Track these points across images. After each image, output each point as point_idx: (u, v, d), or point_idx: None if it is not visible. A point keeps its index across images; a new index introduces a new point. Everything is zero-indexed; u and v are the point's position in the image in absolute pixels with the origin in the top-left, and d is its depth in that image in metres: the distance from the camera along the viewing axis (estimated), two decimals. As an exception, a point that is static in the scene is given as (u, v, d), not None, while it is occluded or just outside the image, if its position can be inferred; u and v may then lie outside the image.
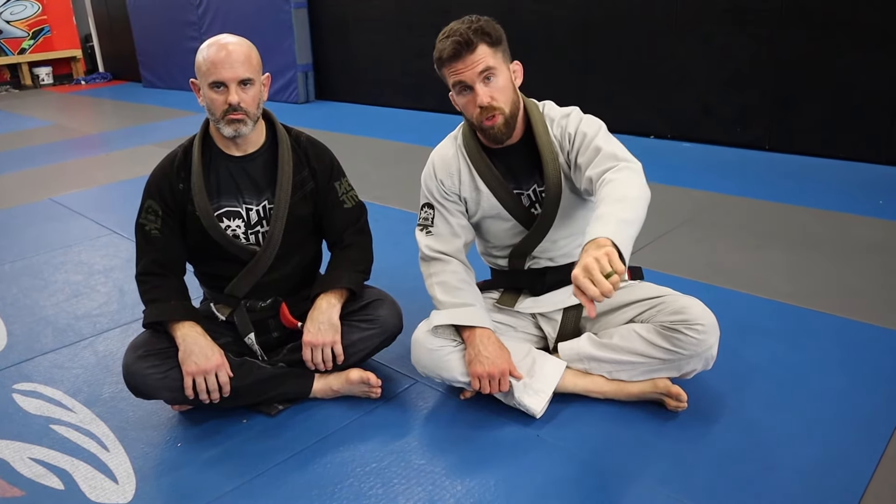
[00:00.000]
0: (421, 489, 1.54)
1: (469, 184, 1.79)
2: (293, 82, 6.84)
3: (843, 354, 1.97)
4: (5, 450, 1.76)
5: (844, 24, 3.77)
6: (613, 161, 1.55)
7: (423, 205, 1.84)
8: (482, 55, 1.60)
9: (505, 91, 1.65)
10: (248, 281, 1.83)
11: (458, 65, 1.61)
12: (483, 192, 1.78)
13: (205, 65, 1.68)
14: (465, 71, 1.61)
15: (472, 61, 1.60)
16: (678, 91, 4.50)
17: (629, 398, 1.76)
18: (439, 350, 1.74)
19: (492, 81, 1.63)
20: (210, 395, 1.71)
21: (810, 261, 2.63)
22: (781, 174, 3.78)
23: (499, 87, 1.64)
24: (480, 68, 1.61)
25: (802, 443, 1.61)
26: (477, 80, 1.62)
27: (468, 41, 1.59)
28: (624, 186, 1.45)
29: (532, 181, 1.77)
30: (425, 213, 1.83)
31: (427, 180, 1.83)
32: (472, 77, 1.62)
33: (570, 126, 1.70)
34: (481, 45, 1.60)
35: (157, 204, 1.78)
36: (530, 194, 1.78)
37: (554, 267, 1.84)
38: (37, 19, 9.62)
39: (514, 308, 1.87)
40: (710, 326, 1.67)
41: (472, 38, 1.59)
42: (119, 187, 4.28)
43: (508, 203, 1.77)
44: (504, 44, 1.66)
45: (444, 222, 1.81)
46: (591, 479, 1.55)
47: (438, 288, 1.77)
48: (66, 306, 2.59)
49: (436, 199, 1.81)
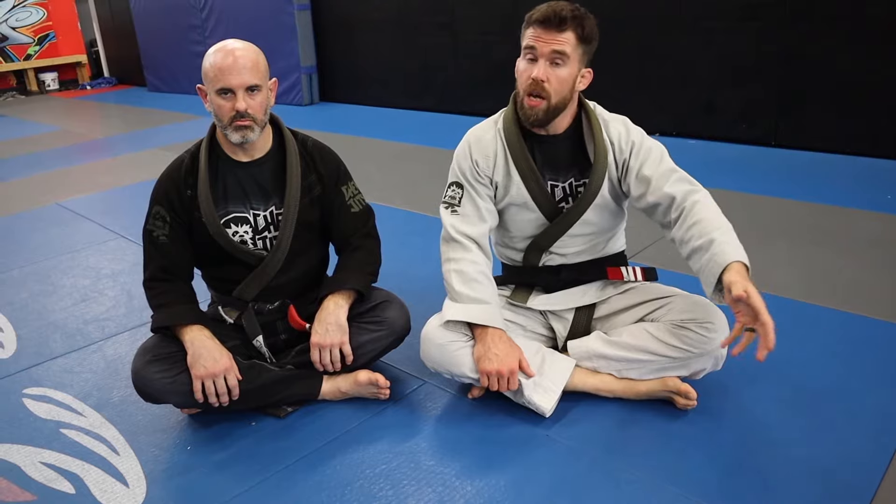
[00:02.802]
0: (431, 490, 1.54)
1: (503, 168, 1.77)
2: (297, 84, 6.84)
3: (852, 351, 1.96)
4: (16, 454, 1.77)
5: (850, 18, 3.75)
6: (691, 185, 1.67)
7: (452, 183, 1.81)
8: (565, 39, 1.61)
9: (563, 83, 1.65)
10: (256, 285, 1.84)
11: (541, 32, 1.62)
12: (514, 179, 1.76)
13: (212, 71, 1.68)
14: (542, 42, 1.62)
15: (553, 38, 1.61)
16: (682, 88, 4.49)
17: (638, 397, 1.76)
18: (449, 345, 1.73)
19: (557, 67, 1.63)
20: (219, 399, 1.71)
21: (818, 257, 2.62)
22: (788, 170, 3.77)
23: (559, 76, 1.64)
24: (555, 48, 1.61)
25: (813, 440, 1.61)
26: (545, 56, 1.62)
27: (563, 20, 1.60)
28: (718, 214, 1.61)
29: (571, 174, 1.77)
30: (453, 192, 1.81)
31: (460, 159, 1.81)
32: (543, 50, 1.62)
33: (632, 135, 1.73)
34: (570, 32, 1.61)
35: (165, 210, 1.79)
36: (566, 187, 1.77)
37: (569, 265, 1.84)
38: (42, 25, 9.65)
39: (527, 305, 1.86)
40: (721, 325, 1.67)
41: (568, 20, 1.61)
42: (125, 191, 4.29)
43: (537, 194, 1.76)
44: (591, 47, 1.67)
45: (472, 204, 1.79)
46: (600, 478, 1.54)
47: (456, 276, 1.75)
48: (75, 311, 2.60)
49: (467, 180, 1.79)
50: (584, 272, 1.84)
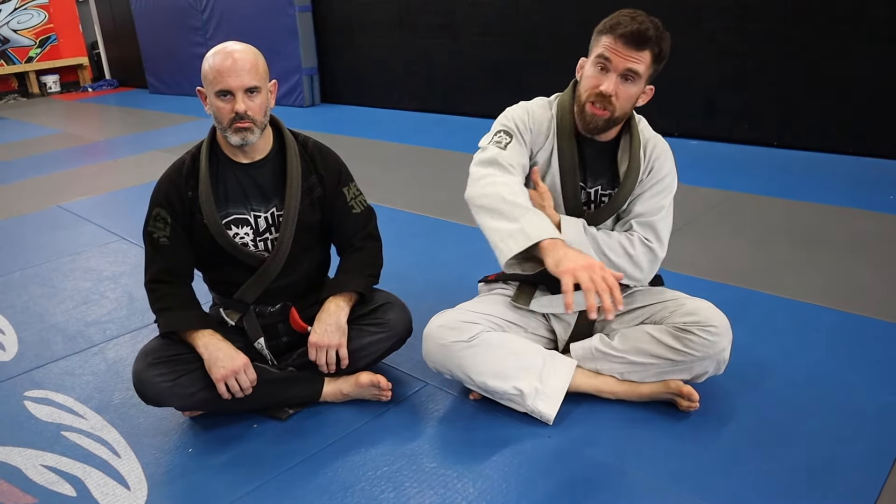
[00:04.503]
0: (433, 492, 1.53)
1: (546, 154, 1.76)
2: (298, 86, 6.85)
3: (854, 351, 1.96)
4: (18, 457, 1.77)
5: (850, 18, 3.74)
6: (653, 234, 1.72)
7: (500, 130, 1.72)
8: (641, 58, 1.60)
9: (629, 99, 1.65)
10: (257, 287, 1.83)
11: (620, 46, 1.59)
12: (553, 170, 1.75)
13: (211, 73, 1.68)
14: (619, 56, 1.59)
15: (630, 55, 1.59)
16: (683, 88, 4.48)
17: (641, 398, 1.76)
18: (451, 346, 1.73)
19: (627, 83, 1.62)
20: (243, 392, 1.72)
21: (820, 257, 2.61)
22: (789, 170, 3.76)
23: (628, 93, 1.63)
24: (631, 66, 1.59)
25: (816, 442, 1.60)
26: (619, 72, 1.60)
27: (646, 39, 1.58)
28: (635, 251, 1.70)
29: (599, 181, 1.77)
30: (499, 137, 1.71)
31: (516, 116, 1.74)
32: (618, 66, 1.60)
33: (663, 166, 1.76)
34: (649, 52, 1.59)
35: (166, 211, 1.78)
36: (591, 192, 1.78)
37: None
38: (43, 28, 9.67)
39: (529, 307, 1.84)
40: (723, 329, 1.67)
41: (651, 40, 1.58)
42: (127, 193, 4.29)
43: (570, 193, 1.75)
44: (661, 66, 1.65)
45: (516, 152, 1.70)
46: (603, 480, 1.54)
47: (506, 190, 1.58)
48: (76, 313, 2.60)
49: (518, 131, 1.72)
50: None
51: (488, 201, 1.60)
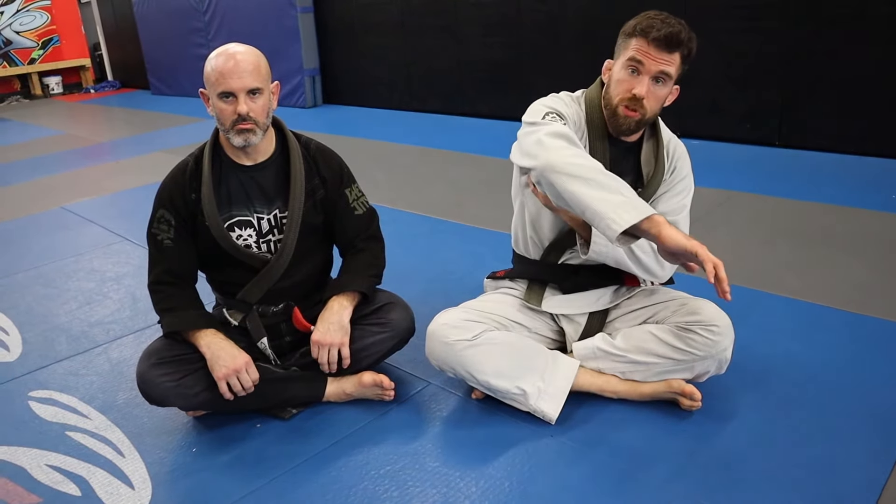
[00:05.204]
0: (436, 491, 1.54)
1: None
2: (300, 87, 6.86)
3: (857, 351, 1.96)
4: (22, 457, 1.78)
5: (852, 19, 3.74)
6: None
7: (547, 113, 1.64)
8: (672, 61, 1.60)
9: (660, 100, 1.66)
10: (260, 288, 1.84)
11: (651, 49, 1.58)
12: None
13: (213, 75, 1.69)
14: (651, 59, 1.59)
15: (662, 58, 1.59)
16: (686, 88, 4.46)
17: (643, 398, 1.76)
18: (455, 344, 1.73)
19: (658, 85, 1.63)
20: (245, 391, 1.73)
21: (823, 257, 2.61)
22: (792, 170, 3.76)
23: (658, 94, 1.64)
24: (663, 69, 1.60)
25: (818, 442, 1.60)
26: (651, 74, 1.61)
27: (677, 42, 1.57)
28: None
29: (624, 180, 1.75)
30: (552, 118, 1.64)
31: (556, 106, 1.69)
32: (650, 68, 1.60)
33: (684, 166, 1.79)
34: (679, 54, 1.60)
35: (170, 213, 1.79)
36: None
37: (588, 266, 1.80)
38: (46, 29, 9.69)
39: (541, 307, 1.83)
40: (725, 328, 1.68)
41: (681, 42, 1.58)
42: (130, 194, 4.30)
43: None
44: (687, 66, 1.65)
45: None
46: (605, 479, 1.54)
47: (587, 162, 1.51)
48: (80, 314, 2.61)
49: (559, 113, 1.66)
50: (602, 276, 1.82)
51: (584, 171, 1.50)
